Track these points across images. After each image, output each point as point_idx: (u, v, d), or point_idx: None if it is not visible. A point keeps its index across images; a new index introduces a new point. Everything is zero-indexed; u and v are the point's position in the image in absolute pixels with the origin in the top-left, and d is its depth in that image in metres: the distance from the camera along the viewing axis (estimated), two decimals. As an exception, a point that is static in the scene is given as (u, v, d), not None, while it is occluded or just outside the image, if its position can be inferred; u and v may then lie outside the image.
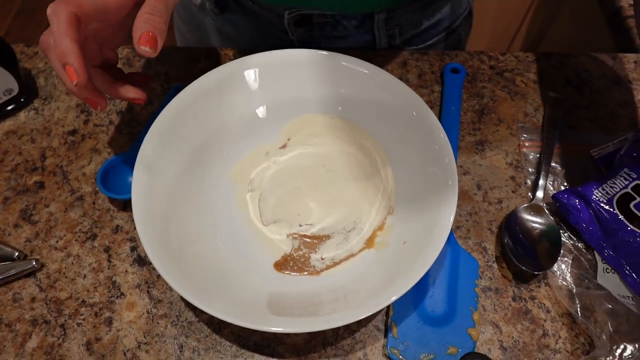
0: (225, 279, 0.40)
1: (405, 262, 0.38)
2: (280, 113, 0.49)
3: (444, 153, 0.42)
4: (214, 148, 0.47)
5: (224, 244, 0.43)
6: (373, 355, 0.40)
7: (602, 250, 0.43)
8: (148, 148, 0.42)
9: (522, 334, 0.41)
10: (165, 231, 0.40)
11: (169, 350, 0.40)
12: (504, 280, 0.44)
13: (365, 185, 0.47)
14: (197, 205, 0.44)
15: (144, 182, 0.40)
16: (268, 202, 0.46)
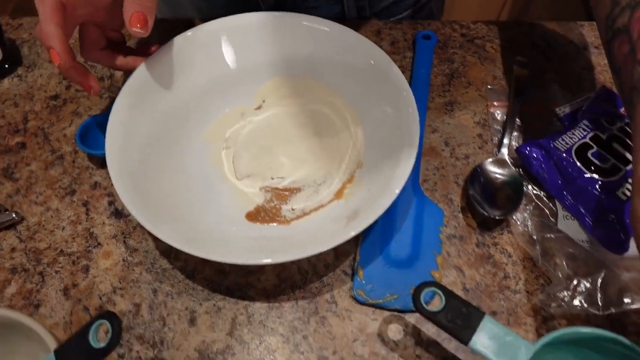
0: (200, 227, 0.42)
1: (367, 204, 0.40)
2: (254, 76, 0.51)
3: (407, 104, 0.43)
4: (190, 109, 0.48)
5: (198, 197, 0.45)
6: (340, 297, 0.42)
7: (562, 198, 0.45)
8: (121, 105, 0.43)
9: (484, 277, 0.43)
10: (139, 182, 0.41)
11: (143, 295, 0.42)
12: (469, 228, 0.45)
13: (335, 141, 0.48)
14: (173, 161, 0.46)
15: (118, 136, 0.42)
16: (242, 158, 0.48)
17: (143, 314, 0.41)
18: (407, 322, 0.41)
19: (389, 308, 0.41)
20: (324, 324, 0.41)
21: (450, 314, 0.34)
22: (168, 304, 0.41)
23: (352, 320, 0.41)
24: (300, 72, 0.51)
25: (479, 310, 0.34)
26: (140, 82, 0.45)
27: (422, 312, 0.34)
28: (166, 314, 0.41)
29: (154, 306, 0.41)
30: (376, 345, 0.40)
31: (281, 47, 0.50)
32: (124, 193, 0.39)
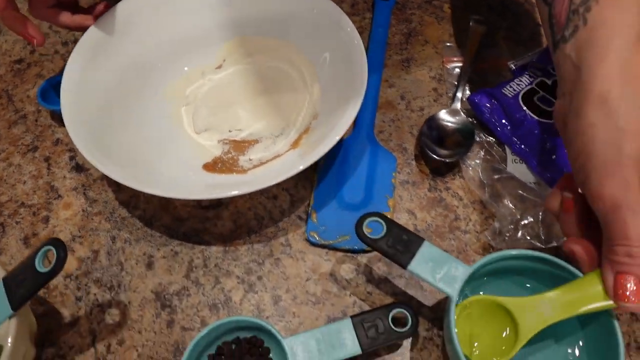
0: (159, 177, 0.43)
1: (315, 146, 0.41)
2: (215, 35, 0.52)
3: (358, 54, 0.44)
4: (150, 67, 0.49)
5: (157, 150, 0.46)
6: (294, 240, 0.43)
7: (511, 143, 0.46)
8: (75, 60, 0.44)
9: (435, 219, 0.44)
10: (96, 133, 0.42)
11: (101, 242, 0.43)
12: (421, 174, 0.46)
13: (292, 95, 0.49)
14: (132, 116, 0.46)
15: (72, 89, 0.43)
16: (201, 113, 0.49)
17: (101, 260, 0.42)
18: (359, 262, 0.42)
19: (341, 248, 0.42)
20: (278, 265, 0.42)
21: (390, 240, 0.35)
22: (126, 250, 0.42)
23: (306, 261, 0.42)
24: (261, 31, 0.52)
25: (418, 236, 0.35)
26: (96, 38, 0.46)
27: (364, 239, 0.35)
28: (124, 259, 0.42)
29: (112, 252, 0.42)
30: (329, 283, 0.41)
31: (242, 5, 0.51)
32: (79, 141, 0.39)
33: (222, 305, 0.40)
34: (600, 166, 0.29)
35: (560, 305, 0.31)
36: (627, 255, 0.28)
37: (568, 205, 0.32)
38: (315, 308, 0.40)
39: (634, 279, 0.28)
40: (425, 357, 0.38)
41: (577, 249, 0.31)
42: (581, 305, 0.30)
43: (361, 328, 0.35)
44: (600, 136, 0.29)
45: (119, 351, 0.38)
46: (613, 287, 0.29)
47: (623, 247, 0.28)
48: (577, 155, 0.30)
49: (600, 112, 0.29)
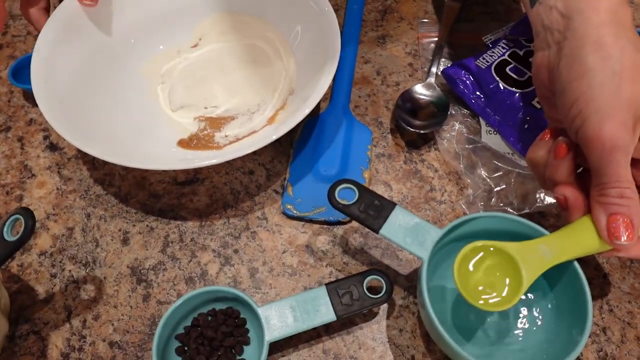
0: (135, 152, 0.43)
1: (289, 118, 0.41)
2: (191, 13, 0.52)
3: (329, 24, 0.44)
4: (124, 45, 0.49)
5: (133, 127, 0.45)
6: (271, 214, 0.43)
7: (485, 114, 0.46)
8: (46, 37, 0.43)
9: (410, 190, 0.44)
10: (70, 110, 0.41)
11: (76, 219, 0.43)
12: (397, 147, 0.47)
13: (268, 71, 0.49)
14: (107, 93, 0.46)
15: (42, 66, 0.42)
16: (177, 91, 0.49)
17: (76, 237, 0.42)
18: (335, 234, 0.42)
19: (316, 220, 0.42)
20: (254, 239, 0.42)
21: (363, 205, 0.35)
22: (101, 227, 0.42)
23: (282, 234, 0.42)
24: (237, 7, 0.52)
25: (390, 201, 0.35)
26: (68, 14, 0.45)
27: (336, 205, 0.35)
28: (99, 235, 0.42)
29: (87, 229, 0.42)
30: (305, 255, 0.41)
31: None
32: (51, 116, 0.39)
33: (198, 278, 0.40)
34: (599, 109, 0.29)
35: (558, 249, 0.31)
36: (619, 197, 0.29)
37: (561, 150, 0.32)
38: (291, 279, 0.40)
39: (625, 218, 0.29)
40: (401, 324, 0.38)
41: (569, 193, 0.32)
42: (578, 248, 0.31)
43: (336, 295, 0.35)
44: (598, 80, 0.29)
45: (94, 326, 0.38)
46: (606, 228, 0.30)
47: (615, 189, 0.29)
48: (574, 100, 0.30)
49: (597, 57, 0.30)
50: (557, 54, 0.33)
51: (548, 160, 0.33)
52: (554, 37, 0.33)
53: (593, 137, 0.29)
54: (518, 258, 0.31)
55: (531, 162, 0.35)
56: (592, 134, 0.29)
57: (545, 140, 0.34)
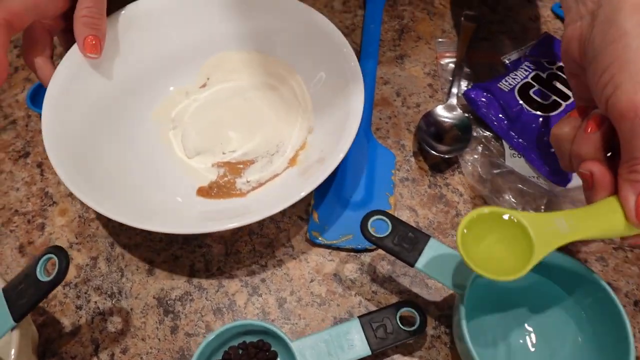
0: (149, 206, 0.41)
1: (319, 164, 0.40)
2: (197, 52, 0.49)
3: (349, 61, 0.43)
4: (131, 90, 0.46)
5: (147, 177, 0.43)
6: (296, 241, 0.43)
7: (508, 137, 0.46)
8: (57, 82, 0.41)
9: (436, 215, 0.44)
10: (80, 161, 0.39)
11: (100, 248, 0.42)
12: (421, 171, 0.46)
13: (284, 110, 0.48)
14: (119, 140, 0.44)
15: (54, 118, 0.40)
16: (190, 136, 0.47)
17: (101, 267, 0.41)
18: (362, 261, 0.42)
19: (344, 248, 0.42)
20: (281, 267, 0.41)
21: (397, 238, 0.35)
22: (126, 256, 0.42)
23: (309, 262, 0.42)
24: (244, 46, 0.50)
25: (424, 233, 0.35)
26: (74, 63, 0.42)
27: (369, 238, 0.35)
28: (124, 265, 0.41)
29: (112, 259, 0.41)
30: (333, 284, 0.41)
31: (223, 21, 0.49)
32: (61, 168, 0.37)
33: (226, 309, 0.39)
34: (635, 73, 0.27)
35: (577, 224, 0.29)
36: None
37: (593, 124, 0.30)
38: (320, 309, 0.39)
39: None
40: (433, 355, 0.38)
41: (596, 169, 0.29)
42: (600, 228, 0.29)
43: (369, 328, 0.35)
44: (635, 43, 0.28)
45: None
46: (635, 208, 0.27)
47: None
48: (606, 66, 0.29)
49: (635, 20, 0.28)
50: (590, 24, 0.31)
51: (576, 137, 0.31)
52: (587, 8, 0.32)
53: (626, 104, 0.27)
54: (531, 229, 0.28)
55: (556, 138, 0.33)
56: (624, 101, 0.27)
57: (574, 117, 0.33)
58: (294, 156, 0.45)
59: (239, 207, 0.42)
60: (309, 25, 0.46)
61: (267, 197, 0.43)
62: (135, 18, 0.46)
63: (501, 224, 0.29)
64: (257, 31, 0.49)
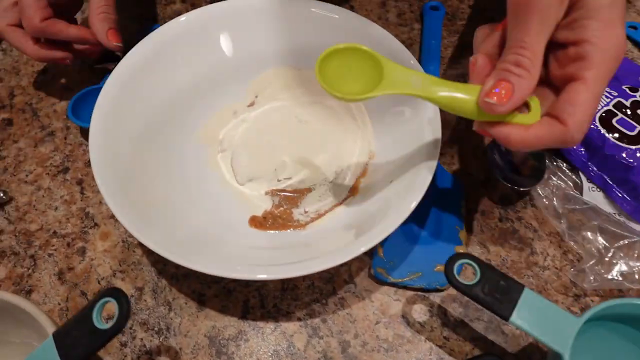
0: (200, 237, 0.38)
1: (393, 202, 0.36)
2: (246, 69, 0.46)
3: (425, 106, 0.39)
4: (177, 109, 0.43)
5: (196, 205, 0.40)
6: (359, 277, 0.39)
7: (587, 169, 0.43)
8: (104, 105, 0.38)
9: (510, 253, 0.40)
10: (127, 186, 0.36)
11: (145, 278, 0.39)
12: (490, 202, 0.43)
13: (342, 133, 0.44)
14: (165, 169, 0.41)
15: (102, 145, 0.37)
16: (241, 161, 0.43)
17: (146, 299, 0.38)
18: (432, 302, 0.38)
19: (412, 287, 0.38)
20: (343, 306, 0.38)
21: (487, 287, 0.31)
22: (173, 288, 0.38)
23: (373, 301, 0.38)
24: (297, 62, 0.46)
25: (517, 282, 0.31)
26: (123, 75, 0.40)
27: (456, 285, 0.31)
28: (172, 298, 0.38)
29: (158, 290, 0.38)
30: (400, 327, 0.37)
31: (283, 36, 0.45)
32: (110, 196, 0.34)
33: (284, 352, 0.36)
34: None
35: (431, 87, 0.30)
36: (515, 64, 0.28)
37: (502, 25, 0.30)
38: (388, 356, 0.36)
39: (508, 85, 0.28)
40: (512, 411, 0.34)
41: (481, 60, 0.30)
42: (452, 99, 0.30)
43: (450, 384, 0.31)
44: None
45: (172, 405, 0.34)
46: (486, 90, 0.28)
47: (514, 55, 0.28)
48: None
49: None
50: None
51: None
52: None
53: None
54: (386, 69, 0.30)
55: (475, 36, 0.34)
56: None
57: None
58: (355, 184, 0.42)
59: (298, 244, 0.39)
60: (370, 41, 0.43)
61: (328, 233, 0.39)
62: (182, 34, 0.43)
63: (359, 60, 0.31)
64: (315, 48, 0.45)
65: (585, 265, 0.38)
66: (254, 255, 0.38)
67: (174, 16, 0.52)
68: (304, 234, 0.40)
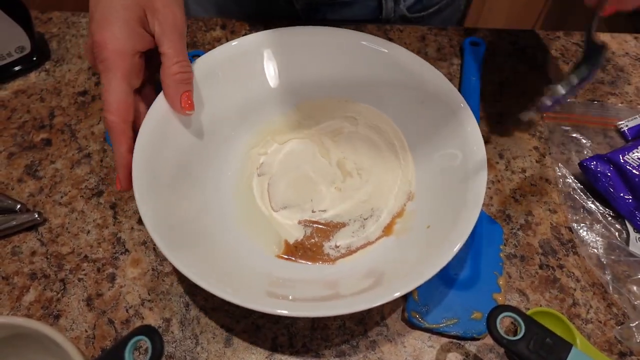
0: (231, 262, 0.37)
1: (431, 247, 0.35)
2: (294, 95, 0.46)
3: (471, 135, 0.39)
4: (221, 132, 0.43)
5: (230, 230, 0.40)
6: (392, 320, 0.38)
7: (634, 218, 0.41)
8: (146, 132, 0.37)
9: (550, 303, 0.39)
10: (169, 217, 0.36)
11: (174, 309, 0.38)
12: (529, 247, 0.41)
13: (382, 169, 0.44)
14: (199, 190, 0.40)
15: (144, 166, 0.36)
16: (278, 187, 0.43)
17: (174, 331, 0.37)
18: (467, 351, 0.36)
19: (447, 334, 0.37)
20: (374, 350, 0.36)
21: (532, 343, 0.29)
22: (201, 320, 0.37)
23: (406, 347, 0.37)
24: (345, 93, 0.46)
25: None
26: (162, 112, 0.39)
27: (499, 340, 0.30)
28: (199, 331, 0.37)
29: (186, 322, 0.37)
30: (433, 375, 0.35)
31: (332, 66, 0.45)
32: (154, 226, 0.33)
33: (313, 395, 0.35)
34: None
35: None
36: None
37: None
38: (420, 406, 0.34)
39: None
40: None
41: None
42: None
43: None
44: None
45: None
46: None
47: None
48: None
49: None
50: None
51: None
52: None
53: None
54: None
55: None
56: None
57: None
58: (390, 223, 0.41)
59: (326, 280, 0.37)
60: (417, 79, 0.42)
61: (357, 271, 0.38)
62: (237, 55, 0.43)
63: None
64: (363, 80, 0.45)
65: (632, 323, 0.36)
66: (281, 285, 0.37)
67: (214, 42, 0.53)
68: (334, 270, 0.39)
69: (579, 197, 0.43)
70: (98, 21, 0.35)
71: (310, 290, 0.37)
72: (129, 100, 0.35)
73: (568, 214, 0.43)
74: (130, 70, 0.35)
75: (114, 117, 0.35)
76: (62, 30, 0.55)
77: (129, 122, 0.36)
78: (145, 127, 0.37)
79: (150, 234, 0.33)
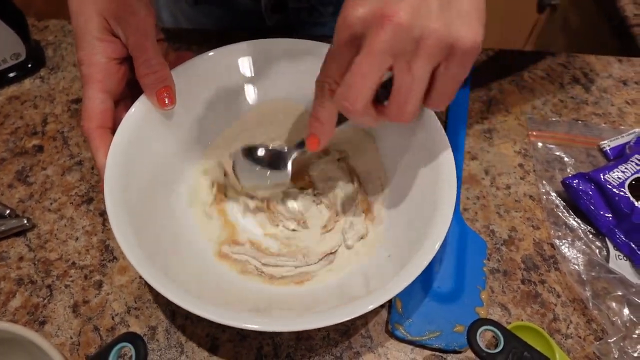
0: (203, 277, 0.37)
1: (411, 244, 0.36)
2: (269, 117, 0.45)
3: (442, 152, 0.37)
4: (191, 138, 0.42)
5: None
6: (375, 332, 0.38)
7: (614, 236, 0.42)
8: (123, 136, 0.37)
9: (532, 317, 0.39)
10: (140, 228, 0.35)
11: (160, 317, 0.38)
12: (512, 262, 0.42)
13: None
14: (173, 195, 0.41)
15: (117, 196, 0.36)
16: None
17: (159, 339, 0.37)
18: (448, 363, 0.37)
19: (429, 346, 0.37)
20: (357, 360, 0.37)
21: (511, 357, 0.30)
22: (187, 329, 0.38)
23: (389, 358, 0.37)
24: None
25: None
26: (142, 114, 0.38)
27: (478, 353, 0.31)
28: (184, 339, 0.37)
29: (172, 330, 0.38)
30: (415, 387, 0.36)
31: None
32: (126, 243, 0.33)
33: (295, 406, 0.35)
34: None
35: None
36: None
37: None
38: (402, 418, 0.35)
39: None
40: None
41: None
42: None
43: None
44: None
45: None
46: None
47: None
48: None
49: None
50: None
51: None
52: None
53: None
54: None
55: None
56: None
57: None
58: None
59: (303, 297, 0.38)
60: None
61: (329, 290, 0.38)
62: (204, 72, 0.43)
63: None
64: None
65: (610, 339, 0.37)
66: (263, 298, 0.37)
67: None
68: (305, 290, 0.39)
69: (561, 214, 0.44)
70: (75, 40, 0.37)
71: (285, 304, 0.36)
72: (104, 107, 0.36)
73: (551, 230, 0.43)
74: (105, 78, 0.36)
75: (89, 123, 0.36)
76: (59, 38, 0.56)
77: (107, 127, 0.36)
78: (118, 135, 0.37)
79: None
